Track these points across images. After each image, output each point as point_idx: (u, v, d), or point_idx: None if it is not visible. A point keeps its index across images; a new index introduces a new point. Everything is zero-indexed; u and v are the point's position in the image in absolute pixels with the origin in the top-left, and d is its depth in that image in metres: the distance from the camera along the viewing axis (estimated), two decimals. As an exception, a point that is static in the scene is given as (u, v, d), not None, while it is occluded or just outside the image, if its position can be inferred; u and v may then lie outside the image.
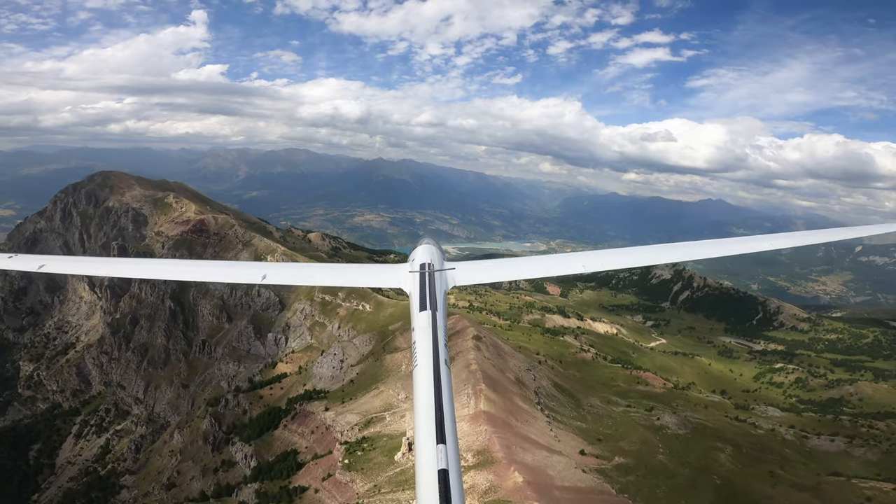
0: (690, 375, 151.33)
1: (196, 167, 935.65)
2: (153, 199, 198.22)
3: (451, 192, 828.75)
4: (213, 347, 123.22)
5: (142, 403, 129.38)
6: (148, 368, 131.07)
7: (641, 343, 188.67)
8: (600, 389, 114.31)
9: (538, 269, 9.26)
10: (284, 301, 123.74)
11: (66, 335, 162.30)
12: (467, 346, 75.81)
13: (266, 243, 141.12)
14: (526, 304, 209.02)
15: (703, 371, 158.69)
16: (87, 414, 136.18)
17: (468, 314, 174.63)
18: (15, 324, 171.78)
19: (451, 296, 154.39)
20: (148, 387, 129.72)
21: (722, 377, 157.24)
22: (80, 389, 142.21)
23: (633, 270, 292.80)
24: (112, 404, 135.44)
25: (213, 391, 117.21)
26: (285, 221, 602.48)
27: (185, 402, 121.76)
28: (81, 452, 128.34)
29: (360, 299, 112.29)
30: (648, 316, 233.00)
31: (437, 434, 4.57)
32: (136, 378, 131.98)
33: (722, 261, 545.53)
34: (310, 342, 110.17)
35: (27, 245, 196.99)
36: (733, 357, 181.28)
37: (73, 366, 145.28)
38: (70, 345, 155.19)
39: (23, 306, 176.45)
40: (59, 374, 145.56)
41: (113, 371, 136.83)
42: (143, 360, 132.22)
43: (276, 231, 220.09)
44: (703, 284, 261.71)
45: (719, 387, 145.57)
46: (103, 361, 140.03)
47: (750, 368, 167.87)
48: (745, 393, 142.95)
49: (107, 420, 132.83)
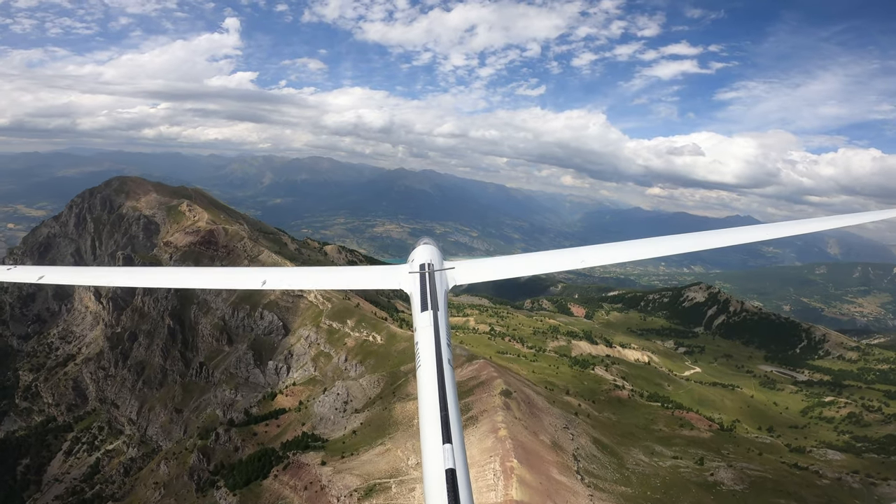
0: (733, 410, 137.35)
1: (223, 173, 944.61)
2: (167, 206, 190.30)
3: (472, 204, 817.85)
4: (210, 371, 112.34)
5: (135, 424, 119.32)
6: (143, 388, 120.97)
7: (675, 372, 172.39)
8: (641, 436, 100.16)
9: (537, 265, 9.12)
10: (289, 325, 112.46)
11: (68, 345, 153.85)
12: (494, 405, 62.38)
13: (274, 259, 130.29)
14: (550, 328, 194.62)
15: (745, 404, 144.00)
16: (80, 430, 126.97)
17: (490, 341, 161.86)
18: (20, 331, 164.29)
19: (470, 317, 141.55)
20: (142, 407, 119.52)
21: (767, 411, 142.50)
22: (76, 404, 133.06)
23: (663, 293, 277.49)
24: (106, 422, 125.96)
25: (207, 419, 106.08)
26: (306, 229, 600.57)
27: (177, 428, 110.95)
28: (70, 470, 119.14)
29: (370, 329, 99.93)
30: (680, 341, 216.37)
31: (443, 434, 4.47)
32: (130, 397, 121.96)
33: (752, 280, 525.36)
34: (313, 374, 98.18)
35: (39, 250, 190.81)
36: (777, 388, 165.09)
37: (71, 379, 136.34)
38: (70, 356, 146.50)
39: (30, 313, 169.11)
40: (56, 386, 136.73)
41: (108, 388, 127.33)
42: (140, 379, 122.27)
43: (291, 242, 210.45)
44: (740, 309, 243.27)
45: (765, 422, 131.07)
46: (100, 377, 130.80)
47: (796, 401, 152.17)
48: (794, 430, 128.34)
49: (99, 438, 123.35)
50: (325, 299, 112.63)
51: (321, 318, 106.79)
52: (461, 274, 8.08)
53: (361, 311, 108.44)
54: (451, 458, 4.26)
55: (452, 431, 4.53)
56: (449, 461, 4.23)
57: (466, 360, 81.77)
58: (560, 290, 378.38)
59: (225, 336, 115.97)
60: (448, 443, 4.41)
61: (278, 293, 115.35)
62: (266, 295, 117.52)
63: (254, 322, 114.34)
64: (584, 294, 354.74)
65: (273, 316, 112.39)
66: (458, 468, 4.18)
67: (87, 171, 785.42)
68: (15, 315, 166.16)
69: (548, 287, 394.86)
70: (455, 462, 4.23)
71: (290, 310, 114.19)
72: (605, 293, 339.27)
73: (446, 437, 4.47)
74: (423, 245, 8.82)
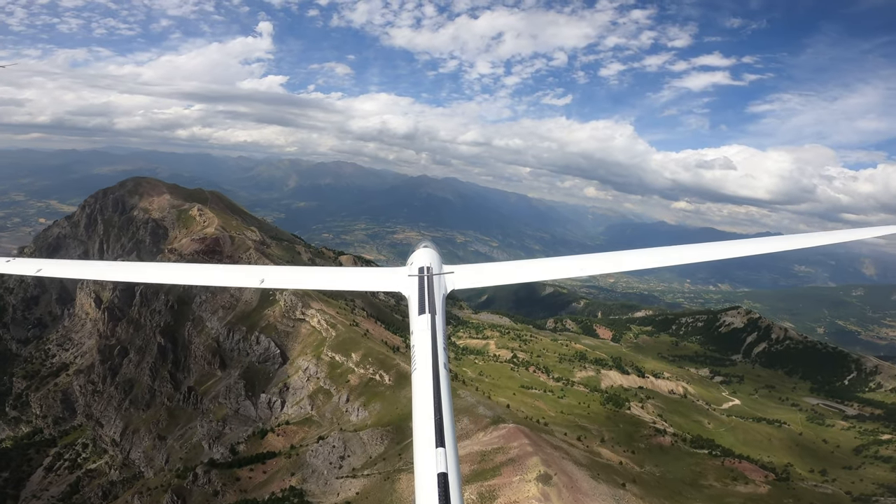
0: (782, 450, 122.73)
1: (250, 175, 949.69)
2: (178, 210, 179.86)
3: (493, 213, 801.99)
4: (199, 397, 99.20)
5: (118, 446, 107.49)
6: (129, 408, 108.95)
7: (713, 405, 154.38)
8: (690, 495, 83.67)
9: (537, 272, 9.02)
10: (287, 353, 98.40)
11: (65, 353, 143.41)
12: (528, 495, 46.30)
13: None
14: (577, 354, 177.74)
15: (793, 442, 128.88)
16: (64, 446, 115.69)
17: (513, 372, 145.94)
18: (20, 334, 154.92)
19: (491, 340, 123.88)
20: (126, 429, 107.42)
21: (817, 450, 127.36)
22: (63, 417, 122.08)
23: (697, 316, 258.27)
24: (91, 440, 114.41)
25: (191, 452, 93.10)
26: (327, 234, 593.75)
27: (160, 456, 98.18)
28: (49, 487, 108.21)
29: (377, 366, 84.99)
30: (717, 369, 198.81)
31: (436, 438, 4.41)
32: (115, 417, 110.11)
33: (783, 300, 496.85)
34: (309, 413, 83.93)
35: (48, 250, 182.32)
36: (826, 423, 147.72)
37: (61, 390, 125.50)
38: (65, 366, 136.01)
39: (31, 316, 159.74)
40: (46, 397, 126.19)
41: (95, 404, 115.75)
42: (127, 398, 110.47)
43: (305, 251, 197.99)
44: (783, 336, 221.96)
45: (817, 464, 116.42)
46: (88, 391, 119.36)
47: (848, 438, 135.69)
48: (848, 471, 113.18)
49: (82, 456, 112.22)
50: (330, 325, 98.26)
51: (323, 348, 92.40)
52: (460, 278, 7.93)
53: (369, 342, 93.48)
54: (444, 461, 4.17)
55: (446, 435, 4.43)
56: (441, 465, 4.14)
57: (491, 422, 66.24)
58: (583, 307, 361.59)
59: (218, 359, 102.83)
60: (441, 447, 4.31)
61: (278, 315, 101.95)
62: (265, 316, 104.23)
63: (249, 346, 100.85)
64: (607, 312, 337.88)
65: (270, 342, 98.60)
66: (450, 472, 4.10)
67: (120, 169, 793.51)
68: (17, 318, 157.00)
69: (570, 303, 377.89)
70: (447, 466, 4.14)
71: (290, 336, 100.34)
72: (631, 312, 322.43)
73: (440, 440, 4.37)
74: (422, 248, 8.68)
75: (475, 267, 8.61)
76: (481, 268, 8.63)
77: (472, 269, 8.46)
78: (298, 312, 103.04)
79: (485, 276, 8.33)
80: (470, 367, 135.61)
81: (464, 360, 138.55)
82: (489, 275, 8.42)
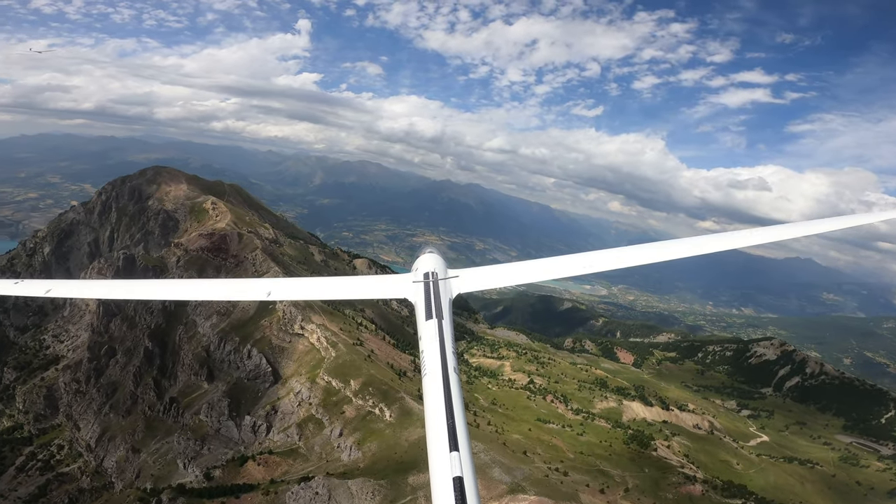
0: (815, 494, 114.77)
1: (278, 169, 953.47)
2: (191, 202, 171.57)
3: (514, 222, 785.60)
4: (181, 410, 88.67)
5: (92, 452, 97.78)
6: (109, 413, 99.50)
7: (741, 442, 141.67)
8: None
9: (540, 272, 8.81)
10: (279, 371, 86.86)
11: (60, 345, 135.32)
12: None
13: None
14: (597, 381, 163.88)
15: (826, 485, 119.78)
16: (39, 446, 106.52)
17: (529, 401, 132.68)
18: (20, 321, 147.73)
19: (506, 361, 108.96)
20: (103, 435, 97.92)
21: (849, 493, 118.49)
22: (44, 415, 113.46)
23: (726, 345, 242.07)
24: (67, 442, 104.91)
25: (164, 468, 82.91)
26: (347, 232, 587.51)
27: (131, 469, 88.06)
28: (18, 488, 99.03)
29: (378, 398, 72.55)
30: (745, 402, 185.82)
31: (450, 442, 4.41)
32: (94, 421, 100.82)
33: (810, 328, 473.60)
34: (296, 444, 72.32)
35: (60, 236, 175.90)
36: (860, 464, 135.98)
37: (46, 386, 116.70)
38: (55, 359, 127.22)
39: (33, 304, 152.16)
40: (30, 392, 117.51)
41: (76, 405, 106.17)
42: (108, 402, 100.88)
43: (319, 253, 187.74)
44: (819, 371, 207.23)
45: None
46: (72, 390, 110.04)
47: (883, 479, 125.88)
48: None
49: (56, 458, 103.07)
50: (330, 344, 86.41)
51: (319, 370, 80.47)
52: (465, 282, 7.88)
53: (373, 367, 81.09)
54: (459, 466, 4.15)
55: (459, 439, 4.43)
56: (456, 469, 4.12)
57: (508, 490, 53.71)
58: (601, 326, 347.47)
59: (205, 371, 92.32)
60: (455, 451, 4.30)
61: (275, 328, 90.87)
62: (260, 327, 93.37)
63: (240, 360, 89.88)
64: (626, 331, 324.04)
65: (261, 358, 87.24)
66: (465, 476, 4.08)
67: (154, 157, 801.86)
68: (18, 304, 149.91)
69: (587, 320, 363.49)
70: (462, 470, 4.13)
71: (285, 352, 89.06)
72: (652, 334, 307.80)
73: (453, 445, 4.35)
74: (427, 254, 8.67)
75: (479, 270, 8.44)
76: (485, 270, 8.50)
77: (477, 272, 8.35)
78: (297, 326, 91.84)
79: (489, 279, 8.18)
80: (483, 394, 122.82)
81: (476, 385, 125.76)
82: (494, 277, 8.27)
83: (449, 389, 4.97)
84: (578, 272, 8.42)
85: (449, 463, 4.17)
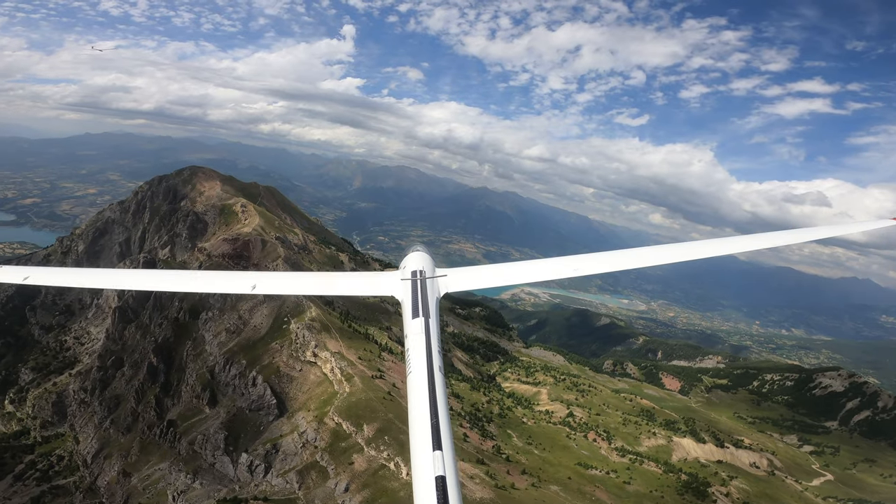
0: None
1: (319, 172, 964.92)
2: (221, 204, 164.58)
3: (551, 233, 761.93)
4: (177, 436, 78.05)
5: (88, 468, 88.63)
6: (109, 428, 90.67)
7: (803, 481, 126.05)
8: None
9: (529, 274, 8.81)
10: (284, 404, 74.29)
11: (81, 347, 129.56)
12: None
13: (297, 300, 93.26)
14: (643, 412, 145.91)
15: None
16: (40, 455, 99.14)
17: (569, 440, 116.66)
18: (46, 320, 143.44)
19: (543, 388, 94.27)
20: (100, 452, 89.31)
21: None
22: (51, 422, 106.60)
23: (787, 375, 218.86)
24: (68, 453, 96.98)
25: (153, 499, 72.52)
26: (383, 237, 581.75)
27: (119, 494, 77.80)
28: (13, 497, 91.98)
29: (396, 449, 58.61)
30: (807, 437, 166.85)
31: (433, 441, 4.34)
32: (93, 435, 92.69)
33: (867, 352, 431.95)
34: (295, 493, 59.94)
35: (94, 234, 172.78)
36: None
37: (57, 392, 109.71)
38: (71, 363, 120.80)
39: (62, 302, 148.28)
40: (40, 397, 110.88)
41: (79, 416, 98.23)
42: (109, 416, 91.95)
43: (349, 261, 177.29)
44: (892, 404, 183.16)
45: None
46: (79, 399, 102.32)
47: None
48: None
49: (54, 469, 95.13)
50: (345, 378, 73.17)
51: (330, 407, 67.68)
52: (454, 281, 7.83)
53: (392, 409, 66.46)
54: (442, 465, 4.09)
55: (443, 438, 4.36)
56: (439, 468, 4.06)
57: None
58: (641, 345, 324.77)
59: (207, 394, 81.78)
60: (438, 450, 4.24)
61: (285, 354, 79.27)
62: (269, 351, 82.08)
63: (244, 386, 78.55)
64: (669, 352, 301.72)
65: (266, 388, 75.29)
66: (448, 475, 4.02)
67: (205, 157, 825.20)
68: (46, 302, 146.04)
69: (626, 338, 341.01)
70: (445, 469, 4.07)
71: (294, 382, 77.03)
72: (698, 357, 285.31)
73: (437, 444, 4.29)
74: (414, 252, 8.57)
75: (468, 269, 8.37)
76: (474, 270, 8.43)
77: (466, 271, 8.28)
78: (309, 353, 79.93)
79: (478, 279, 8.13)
80: (517, 430, 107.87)
81: (510, 418, 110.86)
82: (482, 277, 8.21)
83: (434, 388, 4.86)
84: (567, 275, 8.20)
85: (432, 462, 4.06)
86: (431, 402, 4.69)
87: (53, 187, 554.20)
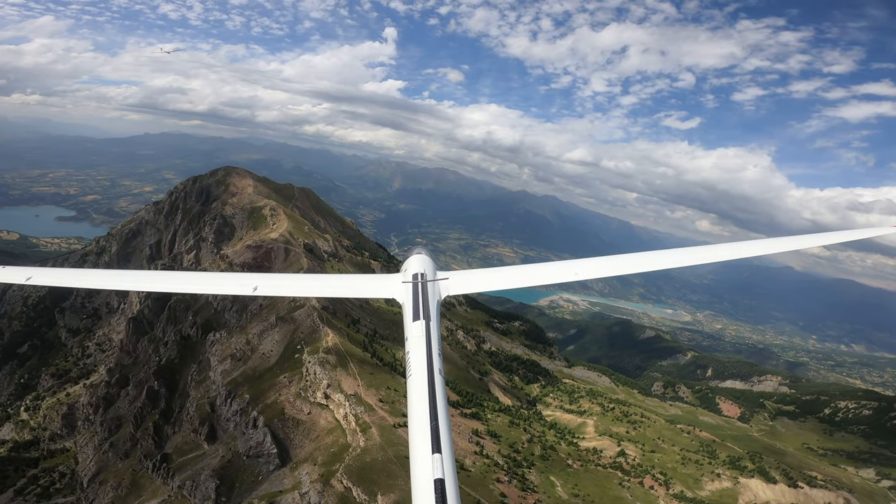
0: None
1: (360, 173, 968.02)
2: (251, 207, 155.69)
3: (592, 238, 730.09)
4: (170, 472, 66.70)
5: (84, 492, 78.72)
6: (108, 452, 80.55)
7: None
8: None
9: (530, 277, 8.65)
10: (287, 453, 60.66)
11: (102, 354, 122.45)
12: None
13: (313, 321, 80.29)
14: (703, 446, 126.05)
15: None
16: (43, 469, 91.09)
17: (623, 489, 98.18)
18: (74, 323, 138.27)
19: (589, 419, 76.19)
20: (96, 476, 79.32)
21: None
22: (60, 435, 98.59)
23: (864, 403, 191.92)
24: (70, 471, 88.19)
25: None
26: (420, 239, 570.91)
27: None
28: None
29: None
30: (885, 472, 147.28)
31: (433, 444, 4.34)
32: (91, 457, 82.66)
33: None
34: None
35: (127, 236, 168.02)
36: None
37: (68, 403, 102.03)
38: (89, 372, 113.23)
39: (90, 305, 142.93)
40: (52, 407, 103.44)
41: (82, 433, 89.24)
42: (109, 439, 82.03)
43: (380, 269, 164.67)
44: None
45: None
46: (87, 414, 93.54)
47: None
48: None
49: (55, 486, 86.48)
50: (360, 427, 58.40)
51: (339, 465, 53.83)
52: (455, 284, 7.72)
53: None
54: (441, 468, 4.08)
55: (442, 441, 4.35)
56: (438, 471, 4.05)
57: None
58: (689, 360, 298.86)
59: (206, 429, 70.22)
60: (437, 453, 4.23)
61: (293, 392, 66.36)
62: (276, 386, 69.37)
63: (245, 425, 66.00)
64: (720, 369, 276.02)
65: (267, 434, 62.10)
66: (447, 478, 4.01)
67: (252, 158, 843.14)
68: (76, 305, 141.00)
69: (673, 352, 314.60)
70: (444, 472, 4.05)
71: (301, 427, 63.61)
72: (754, 375, 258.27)
73: (436, 447, 4.28)
74: (416, 255, 8.43)
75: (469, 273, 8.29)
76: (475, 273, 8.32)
77: (467, 274, 8.18)
78: (320, 393, 66.45)
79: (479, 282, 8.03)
80: (561, 476, 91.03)
81: (553, 460, 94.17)
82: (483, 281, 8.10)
83: (434, 391, 4.84)
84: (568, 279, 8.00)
85: (431, 465, 4.05)
86: (431, 405, 4.62)
87: (113, 185, 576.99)
